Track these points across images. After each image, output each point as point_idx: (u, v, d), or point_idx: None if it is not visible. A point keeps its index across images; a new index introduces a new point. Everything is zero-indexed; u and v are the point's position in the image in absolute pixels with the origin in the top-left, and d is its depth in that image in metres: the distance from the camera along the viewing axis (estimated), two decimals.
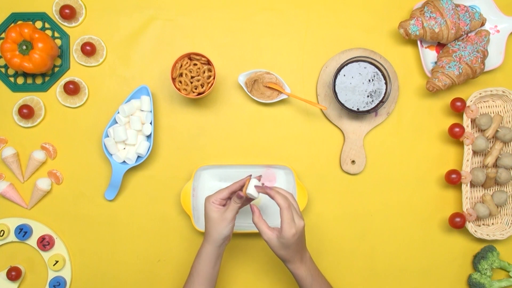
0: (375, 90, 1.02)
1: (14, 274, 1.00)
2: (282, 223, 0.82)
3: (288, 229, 0.81)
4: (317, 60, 1.07)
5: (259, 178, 0.88)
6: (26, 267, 1.04)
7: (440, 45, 1.07)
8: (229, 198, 0.88)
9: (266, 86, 1.04)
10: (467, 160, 1.02)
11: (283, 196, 0.84)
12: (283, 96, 1.04)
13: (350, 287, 1.05)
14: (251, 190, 0.85)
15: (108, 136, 1.01)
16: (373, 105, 1.02)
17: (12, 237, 1.03)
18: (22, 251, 1.04)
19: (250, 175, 0.88)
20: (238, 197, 0.85)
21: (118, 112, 1.02)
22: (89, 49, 1.03)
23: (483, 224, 1.07)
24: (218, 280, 1.04)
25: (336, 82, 1.02)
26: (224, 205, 0.88)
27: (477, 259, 1.04)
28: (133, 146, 1.02)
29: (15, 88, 1.05)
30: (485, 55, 1.03)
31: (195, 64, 0.99)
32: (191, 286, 0.89)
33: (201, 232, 1.03)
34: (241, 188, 0.87)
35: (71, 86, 1.03)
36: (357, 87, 1.02)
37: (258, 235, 1.04)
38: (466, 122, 1.03)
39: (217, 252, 0.89)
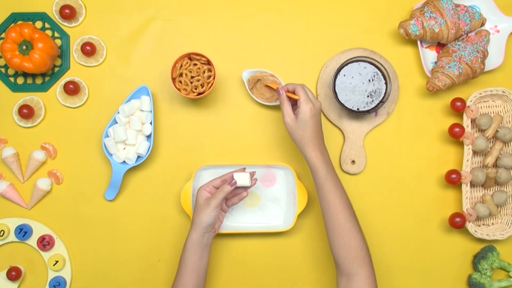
0: (375, 90, 1.02)
1: (14, 274, 1.00)
2: (300, 101, 0.91)
3: (305, 104, 0.90)
4: (317, 60, 1.07)
5: (252, 173, 0.95)
6: (26, 267, 1.04)
7: (440, 45, 1.07)
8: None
9: (265, 86, 1.04)
10: (467, 160, 1.02)
11: (294, 84, 0.94)
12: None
13: None
14: (242, 179, 0.90)
15: (108, 136, 1.01)
16: (373, 105, 1.02)
17: (12, 237, 1.03)
18: (22, 251, 1.04)
19: (244, 168, 0.95)
20: (231, 184, 0.89)
21: (118, 112, 1.02)
22: (89, 49, 1.03)
23: (483, 224, 1.07)
24: (215, 281, 1.04)
25: (336, 82, 1.02)
26: None
27: (477, 259, 1.04)
28: (133, 146, 1.02)
29: (15, 88, 1.05)
30: (485, 55, 1.03)
31: (195, 64, 0.99)
32: (179, 278, 0.91)
33: None
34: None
35: (71, 86, 1.03)
36: (357, 87, 1.02)
37: (254, 235, 1.05)
38: (466, 122, 1.03)
39: (201, 241, 0.90)
